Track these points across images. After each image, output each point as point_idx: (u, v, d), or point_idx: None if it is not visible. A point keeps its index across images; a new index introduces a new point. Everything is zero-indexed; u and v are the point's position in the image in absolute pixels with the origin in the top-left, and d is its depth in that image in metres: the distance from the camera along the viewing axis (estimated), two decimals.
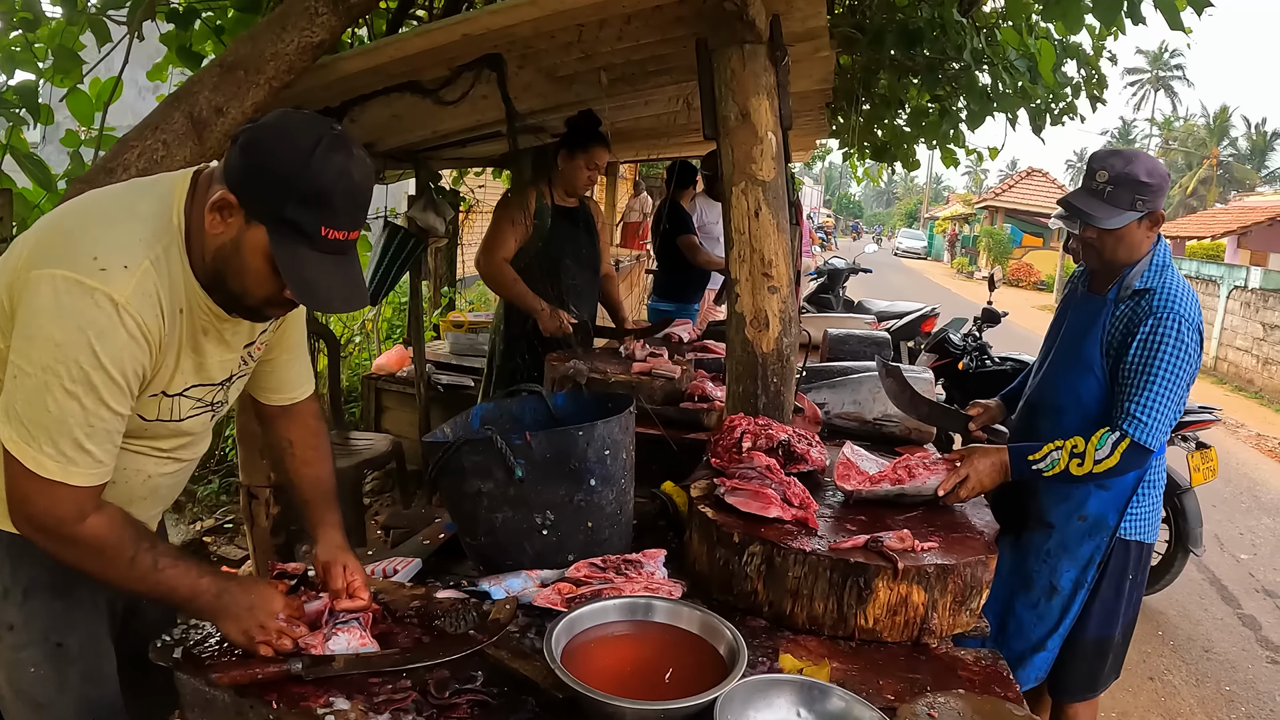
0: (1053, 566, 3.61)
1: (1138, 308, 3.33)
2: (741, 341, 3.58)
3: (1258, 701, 5.80)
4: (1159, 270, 3.39)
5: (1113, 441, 3.19)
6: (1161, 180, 3.36)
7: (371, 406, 7.42)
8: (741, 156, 3.46)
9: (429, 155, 6.63)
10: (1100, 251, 3.46)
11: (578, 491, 2.65)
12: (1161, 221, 3.42)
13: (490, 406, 3.10)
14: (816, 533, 2.76)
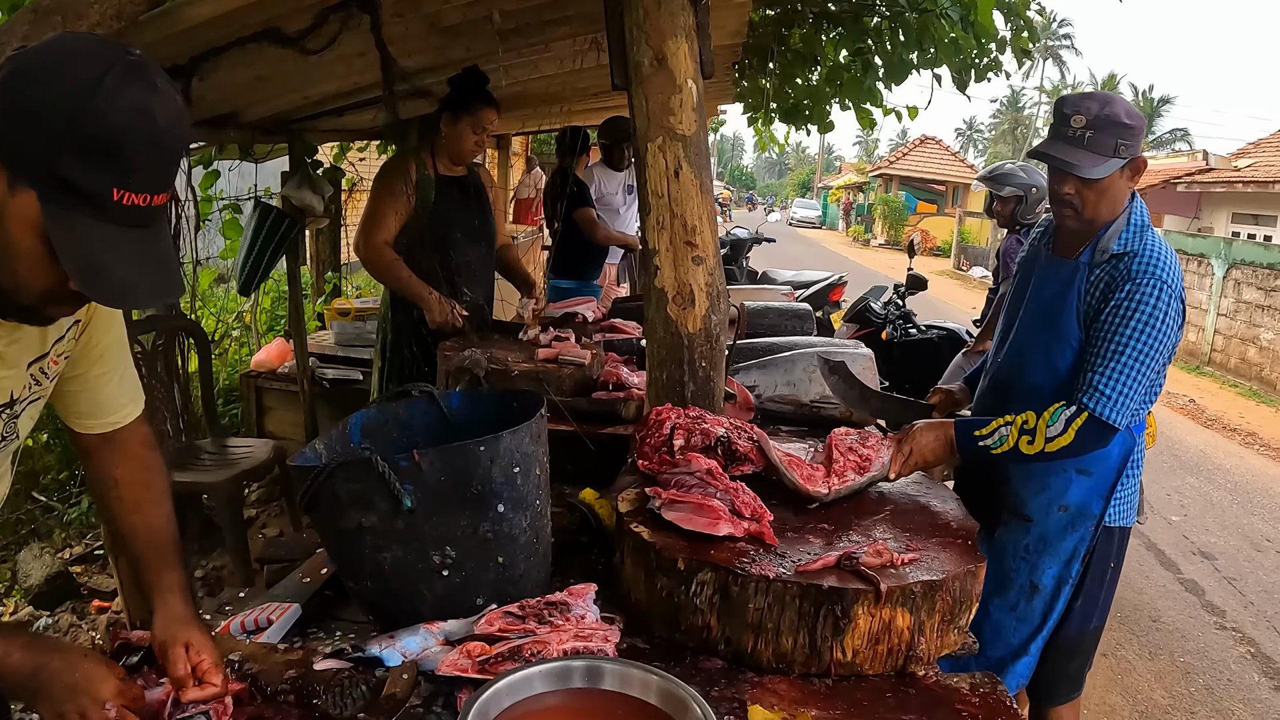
0: (1033, 564, 3.24)
1: (1116, 273, 2.98)
2: (663, 321, 3.09)
3: (1214, 671, 5.65)
4: (1138, 231, 3.04)
5: (1067, 417, 2.88)
6: (1141, 123, 3.03)
7: (252, 408, 6.78)
8: (657, 108, 2.97)
9: (303, 126, 6.03)
10: (1080, 208, 3.06)
11: (482, 521, 2.12)
12: (1143, 170, 3.06)
13: (373, 413, 2.55)
14: (776, 550, 2.29)
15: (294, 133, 6.03)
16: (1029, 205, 6.45)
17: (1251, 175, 22.94)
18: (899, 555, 2.27)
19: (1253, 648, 6.00)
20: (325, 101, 5.46)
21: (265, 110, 5.39)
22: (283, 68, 4.18)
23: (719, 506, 2.33)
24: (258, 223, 5.83)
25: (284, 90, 4.88)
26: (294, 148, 6.14)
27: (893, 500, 2.78)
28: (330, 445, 2.37)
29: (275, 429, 6.69)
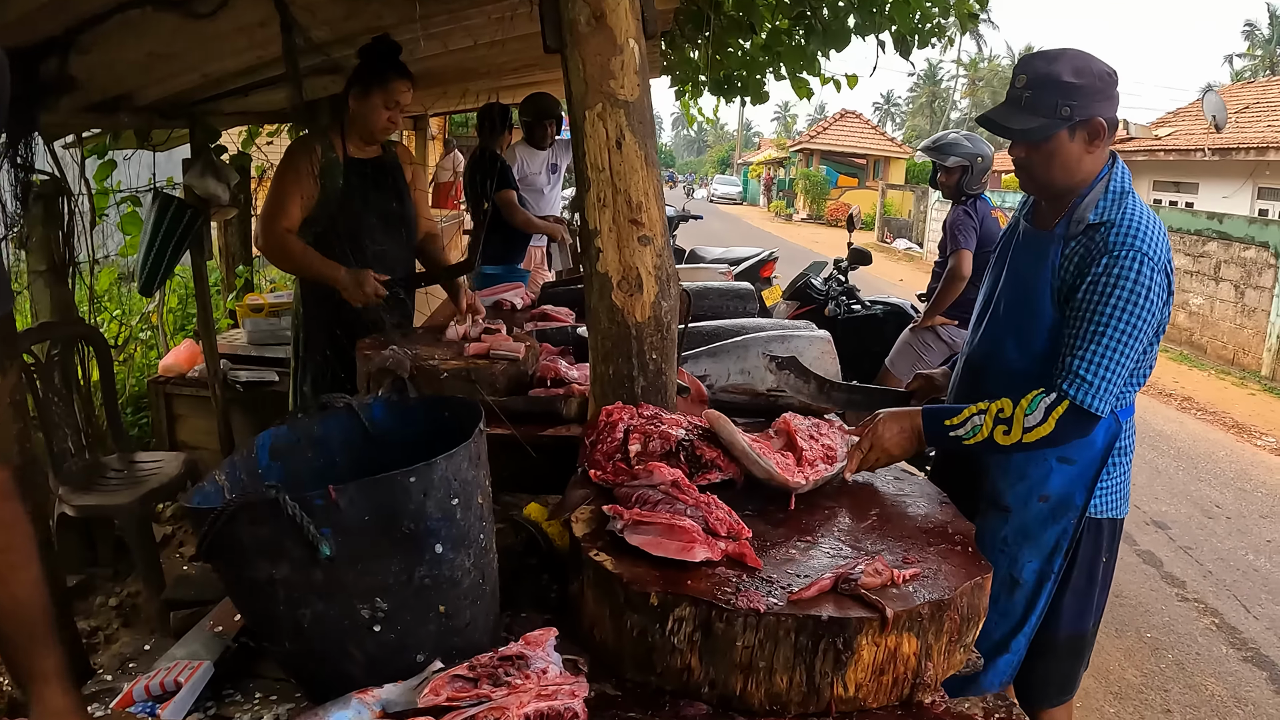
0: (1012, 556, 2.98)
1: (1092, 244, 2.71)
2: (607, 310, 2.75)
3: (1181, 646, 5.49)
4: (1117, 199, 2.76)
5: (1046, 405, 2.63)
6: (1095, 80, 2.72)
7: (163, 416, 6.30)
8: (596, 71, 2.62)
9: (205, 109, 5.58)
10: (1031, 172, 2.85)
11: (417, 565, 1.77)
12: (1103, 134, 2.76)
13: (284, 432, 2.18)
14: (761, 573, 1.98)
15: (195, 116, 5.58)
16: (974, 175, 6.23)
17: (1172, 144, 23.09)
18: (899, 572, 1.98)
19: (1216, 618, 5.84)
20: (227, 80, 5.04)
21: (162, 91, 4.96)
22: (177, 42, 3.82)
23: (692, 527, 2.02)
24: (158, 215, 5.37)
25: (180, 68, 4.48)
26: (195, 133, 5.68)
27: (877, 503, 2.49)
28: (234, 474, 2.00)
29: (188, 438, 6.23)
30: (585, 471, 2.46)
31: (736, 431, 2.42)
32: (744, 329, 3.99)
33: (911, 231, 31.57)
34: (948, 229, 6.34)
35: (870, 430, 2.72)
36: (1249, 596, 6.19)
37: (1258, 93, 24.95)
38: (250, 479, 2.03)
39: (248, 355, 6.44)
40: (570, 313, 4.98)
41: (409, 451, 2.16)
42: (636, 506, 2.15)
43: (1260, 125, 21.50)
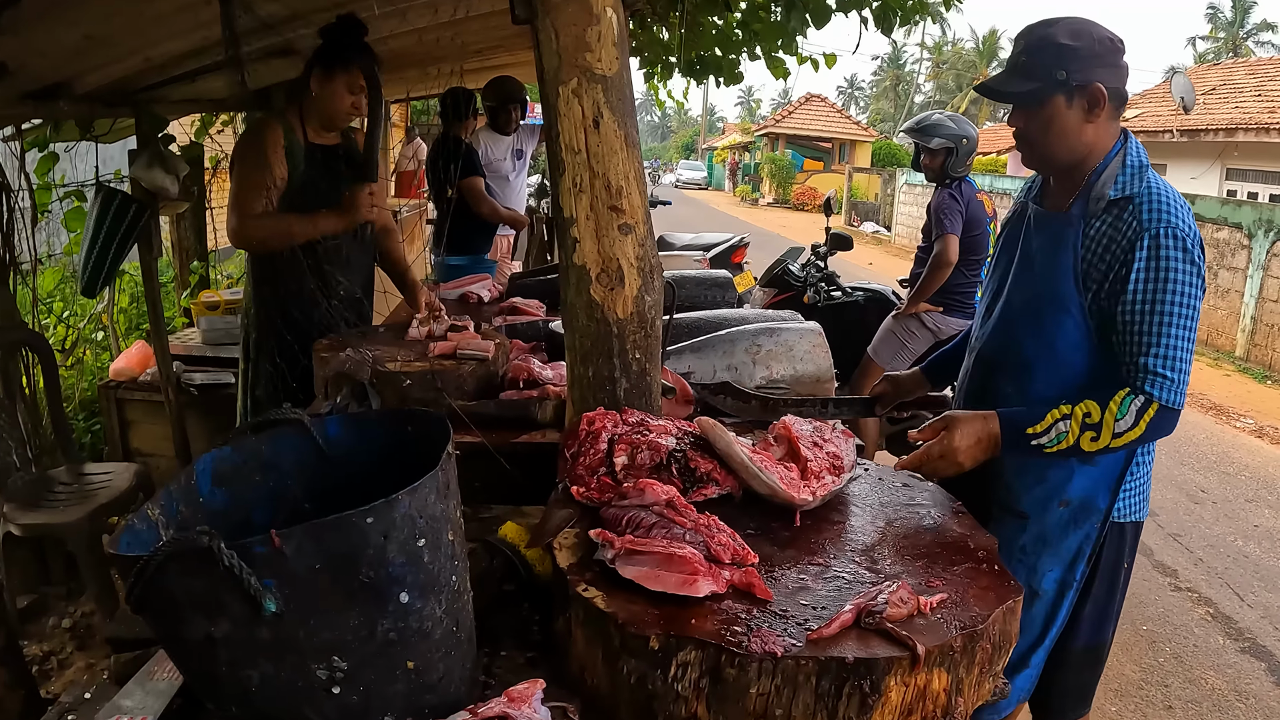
0: (1030, 566, 2.78)
1: (1120, 223, 2.53)
2: (586, 306, 2.51)
3: (1179, 638, 5.36)
4: (1136, 173, 2.58)
5: (1137, 409, 2.44)
6: (1094, 44, 2.55)
7: (115, 423, 5.96)
8: (570, 43, 2.37)
9: (150, 96, 5.26)
10: (1031, 144, 2.69)
11: (380, 617, 1.51)
12: (1103, 102, 2.56)
13: (228, 454, 1.91)
14: (772, 606, 1.75)
15: (140, 105, 5.24)
16: (960, 157, 6.02)
17: (1140, 125, 23.16)
18: (925, 599, 1.76)
19: (1211, 608, 5.71)
20: (172, 65, 4.74)
21: (102, 78, 4.65)
22: (114, 24, 3.55)
23: (692, 555, 1.77)
24: (100, 211, 5.05)
25: (120, 52, 4.19)
26: (141, 122, 5.35)
27: (888, 514, 2.26)
28: (170, 507, 1.73)
29: (142, 445, 5.92)
30: (567, 488, 2.22)
31: (734, 441, 2.19)
32: (727, 321, 3.76)
33: (879, 215, 31.49)
34: (932, 213, 6.13)
35: (945, 437, 2.52)
36: (1242, 584, 6.06)
37: (1224, 75, 25.13)
38: (190, 511, 1.77)
39: (203, 356, 6.15)
40: (541, 305, 4.75)
41: (370, 471, 1.93)
42: (628, 531, 1.91)
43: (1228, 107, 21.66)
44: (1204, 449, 8.84)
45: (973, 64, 67.77)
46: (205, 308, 6.40)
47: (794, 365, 3.25)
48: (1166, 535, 6.78)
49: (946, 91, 68.36)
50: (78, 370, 7.08)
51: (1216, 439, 9.26)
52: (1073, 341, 2.61)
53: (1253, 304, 13.17)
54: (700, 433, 2.28)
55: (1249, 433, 9.70)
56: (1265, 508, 7.50)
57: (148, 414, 5.89)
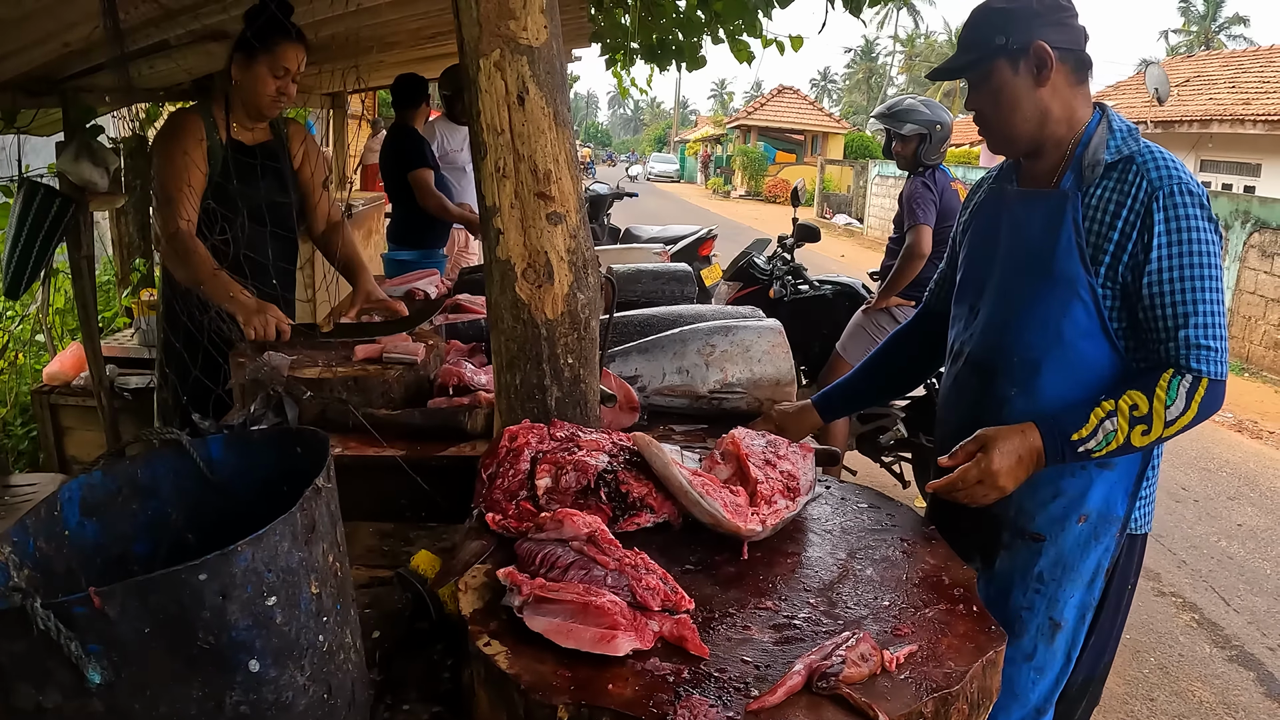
0: (1051, 596, 2.46)
1: (1125, 184, 2.28)
2: (511, 305, 2.25)
3: (1164, 647, 5.14)
4: (1128, 135, 2.36)
5: (1187, 390, 2.18)
6: (1032, 4, 2.38)
7: (49, 429, 5.66)
8: (492, 10, 2.10)
9: (77, 84, 4.94)
10: (988, 122, 2.48)
11: (228, 689, 1.25)
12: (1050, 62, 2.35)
13: (97, 480, 1.63)
14: (706, 665, 1.47)
15: (67, 94, 4.94)
16: (933, 144, 5.77)
17: None
18: (891, 654, 1.49)
19: (1196, 614, 5.50)
20: (95, 52, 4.44)
21: (21, 65, 4.34)
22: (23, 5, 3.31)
23: (612, 605, 1.49)
24: (23, 206, 4.74)
25: (35, 37, 3.89)
26: (69, 112, 5.05)
27: (851, 543, 1.99)
28: (24, 545, 1.45)
29: (78, 452, 5.62)
30: (481, 515, 1.94)
31: (671, 462, 1.91)
32: (682, 318, 3.50)
33: (851, 207, 31.38)
34: (904, 202, 5.87)
35: (982, 459, 2.22)
36: (1226, 588, 5.86)
37: (1198, 66, 25.25)
38: (52, 547, 1.50)
39: (139, 358, 5.84)
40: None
41: (258, 497, 1.68)
42: (542, 571, 1.63)
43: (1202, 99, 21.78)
44: (1183, 445, 8.62)
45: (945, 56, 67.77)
46: (148, 307, 6.09)
47: (751, 367, 2.99)
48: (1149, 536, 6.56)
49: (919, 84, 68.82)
50: (12, 374, 6.77)
51: (1195, 434, 9.04)
52: (1083, 328, 2.35)
53: (1229, 296, 13.04)
54: (637, 449, 2.01)
55: (1228, 427, 9.54)
56: (1248, 505, 7.32)
57: (82, 420, 5.61)
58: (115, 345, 5.97)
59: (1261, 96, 20.30)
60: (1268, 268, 12.40)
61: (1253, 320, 12.64)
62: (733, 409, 3.01)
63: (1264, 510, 7.25)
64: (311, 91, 8.85)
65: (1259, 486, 7.77)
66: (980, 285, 2.60)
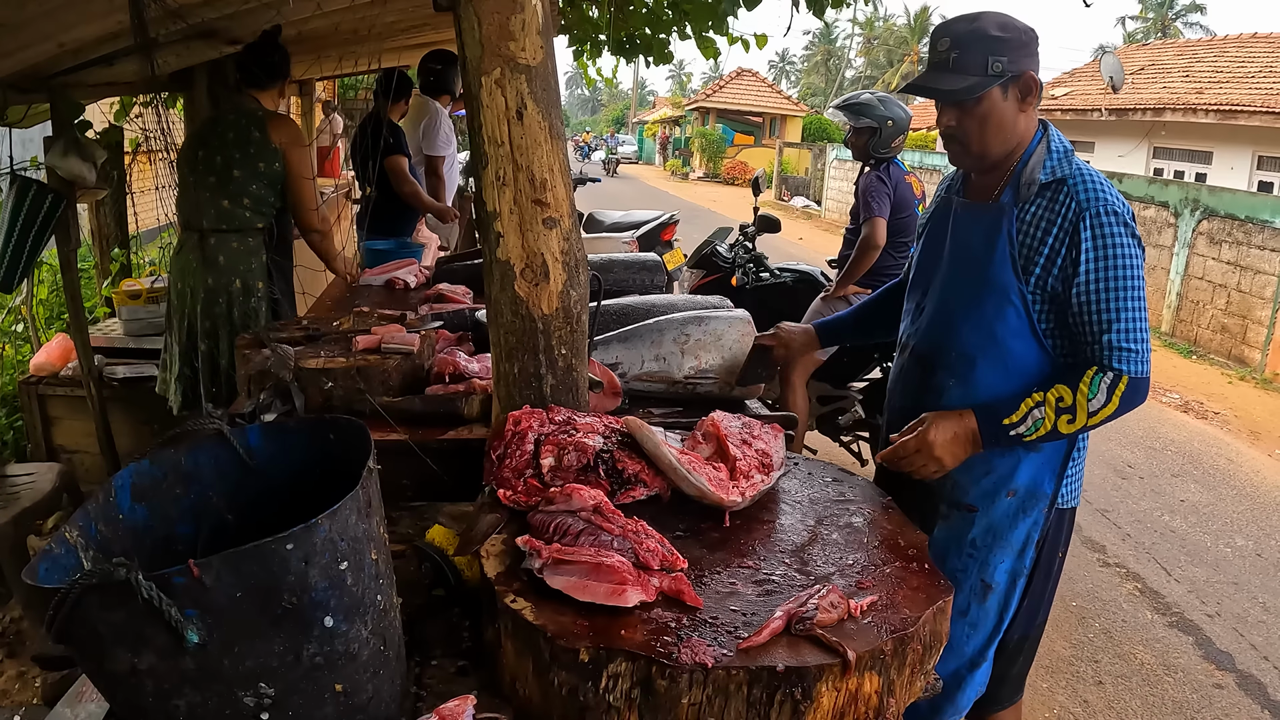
0: (982, 560, 2.75)
1: (1056, 204, 2.55)
2: (510, 301, 2.47)
3: (1108, 613, 5.41)
4: (1063, 156, 2.62)
5: (1108, 385, 2.47)
6: (1021, 35, 2.58)
7: (37, 420, 5.78)
8: (494, 31, 2.32)
9: (66, 80, 5.07)
10: (966, 142, 2.66)
11: (306, 643, 1.48)
12: (1036, 90, 2.61)
13: (145, 468, 1.84)
14: (702, 613, 1.72)
15: (55, 90, 5.07)
16: (883, 139, 5.99)
17: (1069, 103, 23.48)
18: (855, 602, 1.75)
19: (1139, 583, 5.78)
20: (88, 50, 4.60)
21: (14, 65, 4.49)
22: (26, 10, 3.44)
23: (621, 564, 1.75)
24: (15, 202, 4.89)
25: (31, 38, 4.03)
26: (57, 108, 5.19)
27: (818, 511, 2.24)
28: (89, 527, 1.67)
29: (66, 442, 5.76)
30: (493, 491, 2.18)
31: (661, 443, 2.16)
32: (655, 308, 3.72)
33: (809, 189, 31.56)
34: (860, 195, 6.09)
35: (921, 434, 2.53)
36: (1168, 559, 6.14)
37: (1152, 55, 25.52)
38: (110, 530, 1.71)
39: (126, 347, 5.99)
40: (468, 291, 4.67)
41: (293, 480, 1.90)
42: (555, 538, 1.88)
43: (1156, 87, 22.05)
44: (1130, 424, 8.90)
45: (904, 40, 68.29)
46: (128, 297, 6.22)
47: (723, 354, 3.23)
48: (1094, 511, 6.84)
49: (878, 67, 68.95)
50: None
51: (1143, 414, 9.34)
52: (1014, 329, 2.60)
53: (1178, 281, 13.38)
54: (627, 429, 2.25)
55: (1175, 408, 9.84)
56: (1191, 482, 7.62)
57: (71, 410, 5.73)
58: (100, 335, 6.08)
59: (1214, 86, 20.62)
60: (1215, 254, 12.70)
61: (1200, 305, 12.96)
62: (706, 393, 3.24)
63: (1206, 487, 7.55)
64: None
65: (1202, 464, 8.07)
66: (926, 285, 2.88)
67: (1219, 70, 21.63)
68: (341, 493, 1.53)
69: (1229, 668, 4.90)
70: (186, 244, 4.76)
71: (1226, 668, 4.90)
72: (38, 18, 3.67)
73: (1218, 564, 6.13)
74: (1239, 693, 4.69)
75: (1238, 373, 11.55)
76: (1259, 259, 11.86)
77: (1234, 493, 7.46)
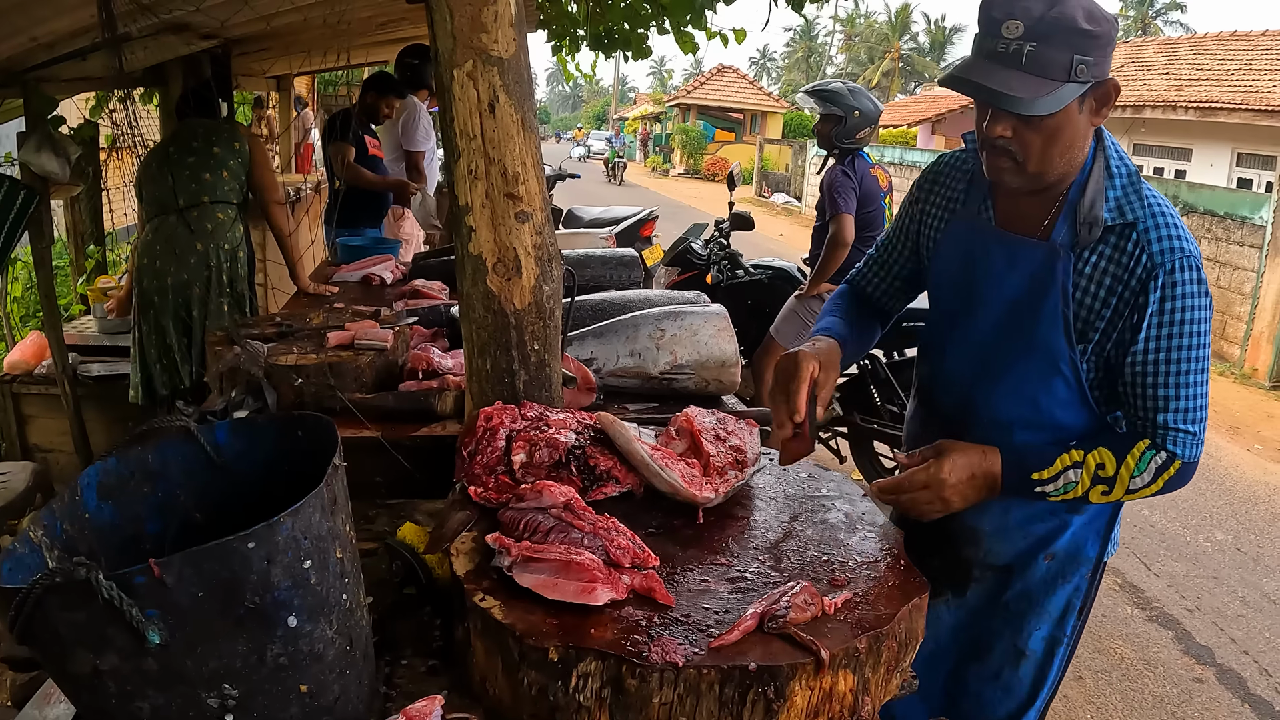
0: (1016, 626, 2.44)
1: (1123, 256, 2.09)
2: (482, 296, 2.45)
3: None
4: (1130, 185, 2.14)
5: (1157, 467, 2.11)
6: (1110, 29, 2.01)
7: (12, 419, 5.74)
8: (465, 24, 2.29)
9: (38, 75, 5.02)
10: (1023, 159, 2.10)
11: (269, 643, 1.45)
12: (1113, 100, 2.09)
13: (112, 466, 1.80)
14: (674, 611, 1.70)
15: (28, 85, 5.02)
16: (846, 129, 5.98)
17: None
18: (829, 600, 1.73)
19: (1119, 578, 5.82)
20: (61, 44, 4.55)
21: None
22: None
23: (591, 562, 1.72)
24: None
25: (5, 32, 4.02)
26: (30, 103, 5.14)
27: (793, 508, 2.22)
28: (54, 527, 1.63)
29: (41, 440, 5.72)
30: (464, 488, 2.15)
31: (634, 439, 2.13)
32: (631, 303, 3.70)
33: (789, 185, 31.64)
34: (825, 190, 6.06)
35: (933, 468, 2.15)
36: (1148, 553, 6.17)
37: (1133, 52, 25.67)
38: (76, 529, 1.67)
39: (100, 345, 5.95)
40: (444, 287, 4.65)
41: (261, 476, 1.87)
42: (526, 535, 1.85)
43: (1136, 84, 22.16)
44: None
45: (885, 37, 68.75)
46: (102, 294, 6.18)
47: (698, 350, 3.20)
48: None
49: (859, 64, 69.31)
50: None
51: None
52: (1061, 400, 2.23)
53: None
54: (599, 425, 2.23)
55: None
56: None
57: (45, 408, 5.70)
58: (74, 333, 6.03)
59: (1194, 84, 20.79)
60: None
61: None
62: (681, 388, 3.21)
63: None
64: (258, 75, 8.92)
65: None
66: (949, 325, 2.43)
67: (1199, 68, 21.79)
68: (310, 490, 1.50)
69: (1209, 662, 4.91)
70: (162, 227, 4.96)
71: (1206, 662, 4.91)
72: (9, 11, 3.64)
73: (1197, 558, 6.15)
74: (1219, 687, 4.70)
75: (1217, 368, 11.60)
76: (1238, 255, 11.92)
77: (1213, 487, 7.49)
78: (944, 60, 70.29)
